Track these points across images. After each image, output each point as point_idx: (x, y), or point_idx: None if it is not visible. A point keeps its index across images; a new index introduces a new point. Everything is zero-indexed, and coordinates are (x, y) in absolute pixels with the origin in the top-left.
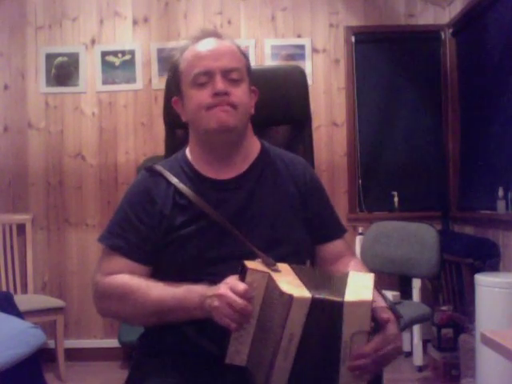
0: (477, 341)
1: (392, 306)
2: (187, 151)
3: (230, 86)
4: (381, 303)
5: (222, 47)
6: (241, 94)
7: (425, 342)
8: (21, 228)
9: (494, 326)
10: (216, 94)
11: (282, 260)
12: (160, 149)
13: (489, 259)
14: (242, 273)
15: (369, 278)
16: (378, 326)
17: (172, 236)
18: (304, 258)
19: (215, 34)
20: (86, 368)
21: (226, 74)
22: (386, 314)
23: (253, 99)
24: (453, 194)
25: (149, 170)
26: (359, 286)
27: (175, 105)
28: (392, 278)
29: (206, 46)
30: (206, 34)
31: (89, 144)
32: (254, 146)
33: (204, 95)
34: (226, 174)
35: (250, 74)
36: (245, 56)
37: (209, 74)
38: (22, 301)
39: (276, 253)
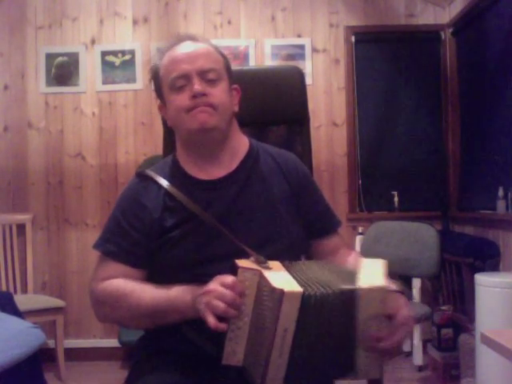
0: (477, 341)
1: (402, 289)
2: (177, 154)
3: (207, 87)
4: (392, 287)
5: (198, 49)
6: (219, 93)
7: (425, 342)
8: (21, 228)
9: (494, 325)
10: (194, 96)
11: (277, 257)
12: (160, 149)
13: (489, 259)
14: (233, 272)
15: (380, 264)
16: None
17: (163, 239)
18: (298, 254)
19: (191, 38)
20: (86, 368)
21: (202, 75)
22: (399, 299)
23: (234, 97)
24: (453, 194)
25: (138, 175)
26: (372, 273)
27: (160, 110)
28: (392, 277)
29: (182, 49)
30: (182, 39)
31: (89, 144)
32: (241, 143)
33: (183, 98)
34: (216, 173)
35: (230, 72)
36: (223, 56)
37: (186, 77)
38: (22, 301)
39: (270, 250)
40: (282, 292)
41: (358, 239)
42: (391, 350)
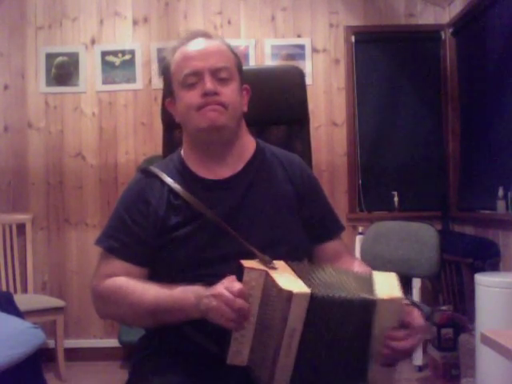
0: (477, 341)
1: (414, 302)
2: (182, 152)
3: (219, 86)
4: (405, 301)
5: (211, 47)
6: (230, 93)
7: (425, 342)
8: (21, 228)
9: (494, 326)
10: (205, 94)
11: (280, 259)
12: (160, 149)
13: (489, 259)
14: (239, 272)
15: (393, 277)
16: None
17: (167, 237)
18: (301, 258)
19: (204, 35)
20: (86, 368)
21: (214, 73)
22: (413, 310)
23: (244, 97)
24: (453, 194)
25: (143, 171)
26: (387, 284)
27: (169, 107)
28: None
29: (195, 46)
30: (195, 35)
31: (89, 144)
32: (248, 144)
33: (194, 95)
34: (221, 173)
35: (241, 72)
36: (235, 55)
37: (198, 75)
38: (22, 301)
39: (273, 252)
40: (290, 293)
41: (358, 239)
42: (403, 352)
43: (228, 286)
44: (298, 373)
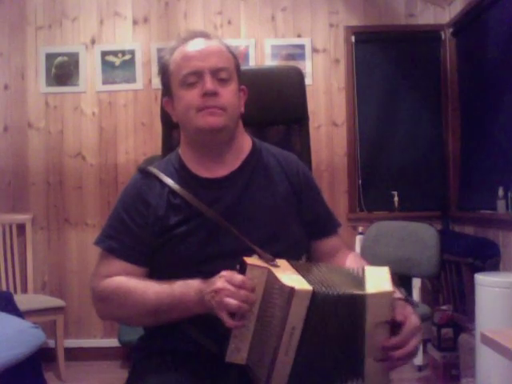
0: (477, 341)
1: (408, 297)
2: (180, 151)
3: (218, 86)
4: (398, 294)
5: (211, 47)
6: (229, 94)
7: (425, 342)
8: (21, 228)
9: (493, 325)
10: (205, 94)
11: (278, 256)
12: (160, 149)
13: (489, 259)
14: (242, 269)
15: (385, 271)
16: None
17: (167, 236)
18: (300, 254)
19: (203, 35)
20: (86, 368)
21: (214, 73)
22: (406, 307)
23: (242, 98)
24: (453, 193)
25: (142, 171)
26: (378, 278)
27: (166, 106)
28: (394, 280)
29: (195, 46)
30: (194, 35)
31: (89, 144)
32: (245, 143)
33: (193, 95)
34: (219, 172)
35: (239, 73)
36: (234, 56)
37: (198, 74)
38: (22, 301)
39: (271, 249)
40: (292, 290)
41: (358, 239)
42: (403, 359)
43: (229, 278)
44: (296, 371)
